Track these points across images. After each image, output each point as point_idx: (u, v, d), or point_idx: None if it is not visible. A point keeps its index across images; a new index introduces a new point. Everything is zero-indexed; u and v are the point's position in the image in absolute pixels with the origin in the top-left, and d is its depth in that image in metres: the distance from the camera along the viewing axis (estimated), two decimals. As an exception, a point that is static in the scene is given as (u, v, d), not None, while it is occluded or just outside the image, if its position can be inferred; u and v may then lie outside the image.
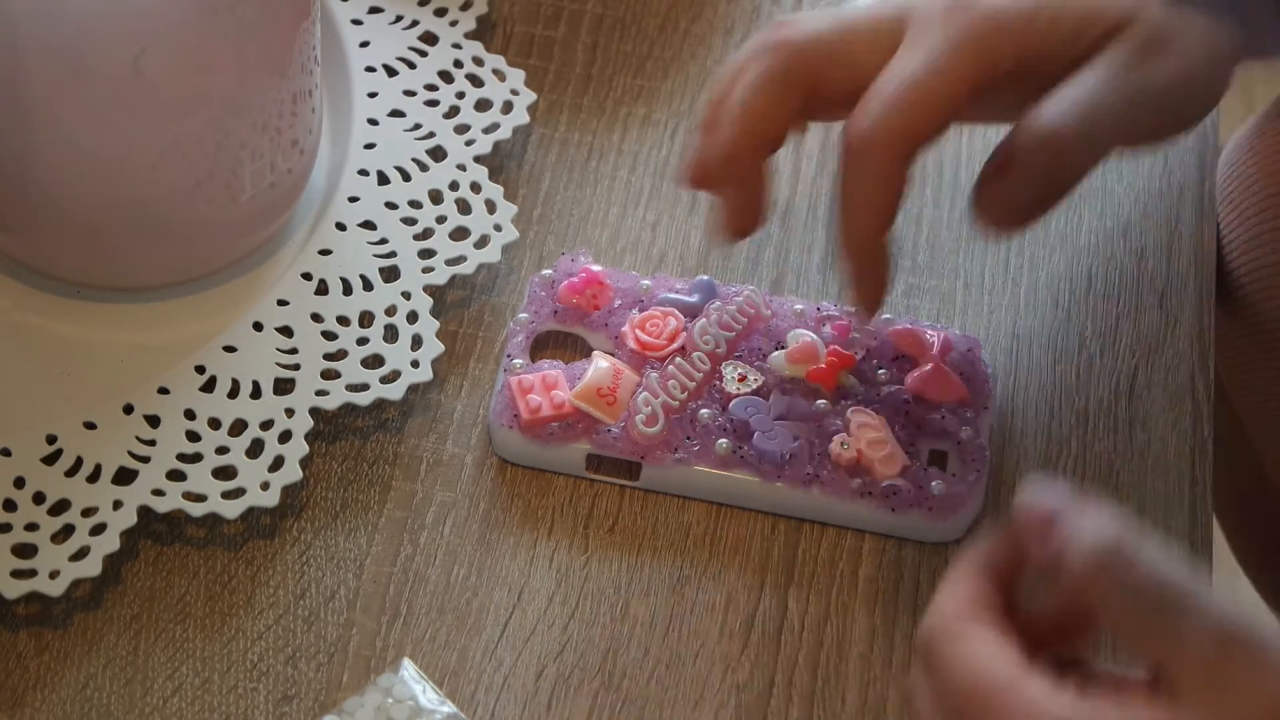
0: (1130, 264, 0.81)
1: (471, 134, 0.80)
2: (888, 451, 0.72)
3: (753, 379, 0.74)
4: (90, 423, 0.71)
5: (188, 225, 0.74)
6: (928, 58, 0.67)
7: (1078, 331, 0.78)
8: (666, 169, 0.82)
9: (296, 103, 0.73)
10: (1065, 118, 0.66)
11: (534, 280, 0.76)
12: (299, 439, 0.71)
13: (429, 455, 0.73)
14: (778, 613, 0.71)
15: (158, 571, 0.70)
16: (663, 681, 0.69)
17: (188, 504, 0.70)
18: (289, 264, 0.76)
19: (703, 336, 0.74)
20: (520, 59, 0.84)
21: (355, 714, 0.67)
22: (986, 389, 0.74)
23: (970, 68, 0.67)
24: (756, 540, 0.72)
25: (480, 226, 0.78)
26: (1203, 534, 0.73)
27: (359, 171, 0.78)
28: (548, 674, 0.69)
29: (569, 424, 0.73)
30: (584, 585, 0.71)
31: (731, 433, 0.72)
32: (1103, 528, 0.57)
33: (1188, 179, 0.83)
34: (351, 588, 0.70)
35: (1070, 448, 0.75)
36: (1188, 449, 0.75)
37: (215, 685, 0.68)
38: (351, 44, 0.82)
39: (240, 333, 0.73)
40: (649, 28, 0.86)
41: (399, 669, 0.68)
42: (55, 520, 0.69)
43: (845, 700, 0.69)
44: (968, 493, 0.72)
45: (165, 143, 0.71)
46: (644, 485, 0.73)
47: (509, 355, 0.74)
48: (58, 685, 0.68)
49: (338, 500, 0.72)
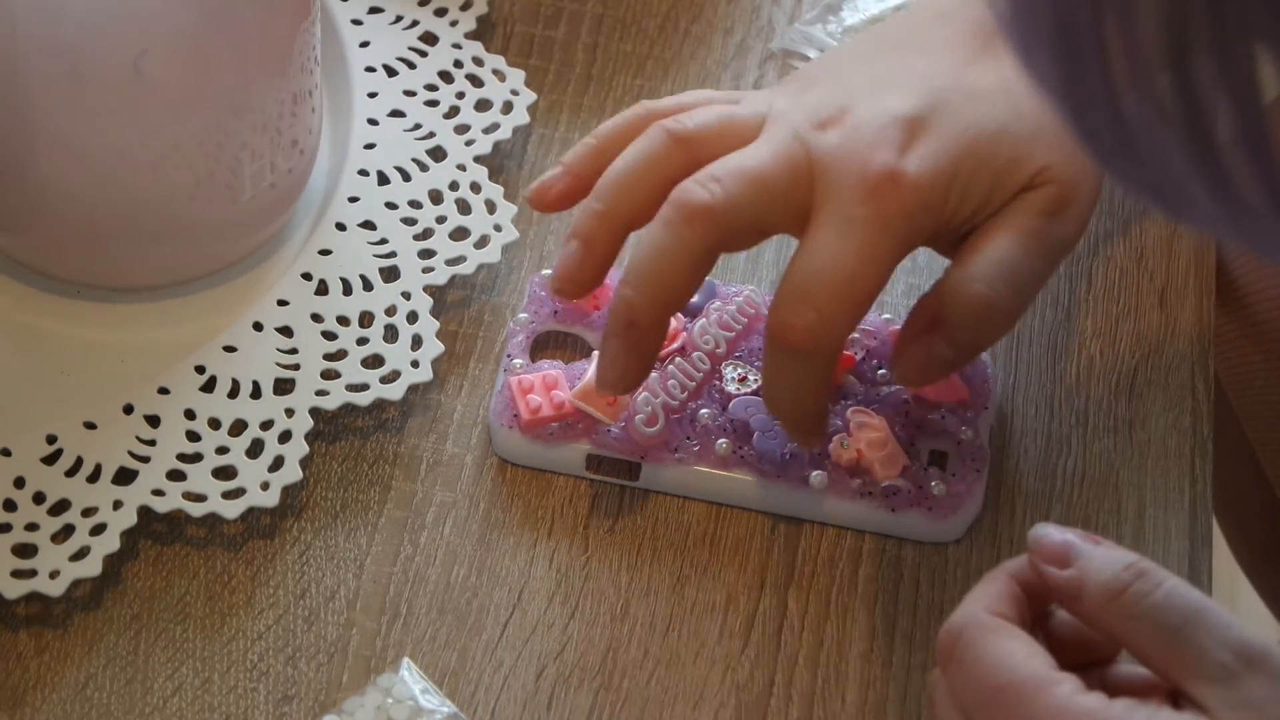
0: (1130, 264, 0.81)
1: (471, 134, 0.80)
2: (888, 452, 0.72)
3: (753, 379, 0.73)
4: (90, 423, 0.71)
5: (188, 225, 0.74)
6: (860, 248, 0.65)
7: (1078, 331, 0.78)
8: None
9: (296, 103, 0.73)
10: (995, 283, 0.66)
11: (534, 280, 0.76)
12: (299, 439, 0.71)
13: (429, 455, 0.73)
14: (778, 613, 0.71)
15: (158, 571, 0.70)
16: (663, 681, 0.69)
17: (188, 504, 0.70)
18: (289, 264, 0.76)
19: (703, 336, 0.74)
20: (520, 59, 0.84)
21: (355, 714, 0.67)
22: (986, 389, 0.74)
23: (901, 250, 0.66)
24: (756, 540, 0.72)
25: (480, 226, 0.78)
26: (1203, 534, 0.73)
27: (359, 171, 0.78)
28: (548, 674, 0.69)
29: (569, 424, 0.73)
30: (584, 585, 0.71)
31: (731, 433, 0.72)
32: (1118, 557, 0.58)
33: (1188, 179, 0.83)
34: (351, 588, 0.70)
35: (1070, 448, 0.75)
36: (1188, 449, 0.75)
37: (215, 685, 0.68)
38: (351, 44, 0.82)
39: (240, 333, 0.73)
40: (649, 28, 0.86)
41: (399, 669, 0.68)
42: (55, 520, 0.69)
43: (845, 700, 0.69)
44: (968, 493, 0.72)
45: (165, 143, 0.71)
46: (644, 485, 0.73)
47: (509, 355, 0.74)
48: (58, 685, 0.68)
49: (338, 500, 0.72)
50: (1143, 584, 0.57)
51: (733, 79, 0.85)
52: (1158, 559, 0.72)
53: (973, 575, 0.71)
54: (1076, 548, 0.59)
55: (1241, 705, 0.55)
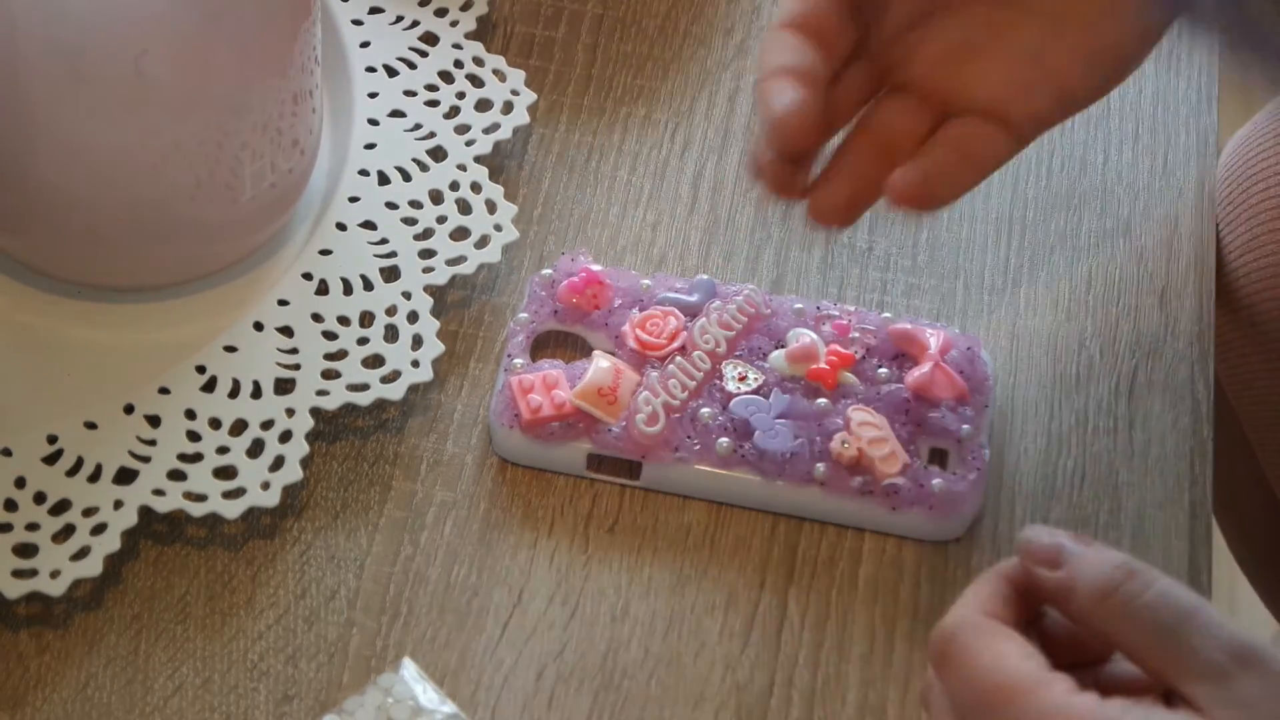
0: (1130, 264, 0.81)
1: (472, 134, 0.80)
2: (888, 450, 0.72)
3: (753, 378, 0.74)
4: (91, 423, 0.71)
5: (188, 225, 0.74)
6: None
7: (1078, 331, 0.78)
8: (666, 169, 0.82)
9: (297, 103, 0.73)
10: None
11: (534, 280, 0.76)
12: (299, 439, 0.71)
13: (429, 455, 0.73)
14: (778, 613, 0.71)
15: (158, 571, 0.70)
16: (663, 681, 0.69)
17: (188, 504, 0.70)
18: (289, 264, 0.76)
19: (703, 336, 0.74)
20: (520, 59, 0.84)
21: (355, 714, 0.67)
22: (986, 388, 0.74)
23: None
24: (756, 540, 0.72)
25: (480, 226, 0.78)
26: (1203, 534, 0.73)
27: (359, 171, 0.78)
28: (548, 674, 0.69)
29: (570, 424, 0.73)
30: (584, 585, 0.71)
31: (732, 432, 0.72)
32: (1109, 557, 0.58)
33: (1188, 179, 0.83)
34: (352, 588, 0.70)
35: (1070, 448, 0.75)
36: (1188, 449, 0.75)
37: (216, 685, 0.68)
38: (352, 44, 0.82)
39: (241, 333, 0.73)
40: (649, 28, 0.86)
41: (399, 669, 0.68)
42: (56, 520, 0.69)
43: (845, 700, 0.69)
44: (968, 491, 0.72)
45: (166, 143, 0.71)
46: (644, 485, 0.73)
47: (509, 355, 0.74)
48: (58, 685, 0.68)
49: (338, 500, 0.72)
50: (1133, 584, 0.57)
51: (733, 79, 0.85)
52: (1157, 559, 0.72)
53: (972, 575, 0.71)
54: (1067, 549, 0.59)
55: (1234, 704, 0.55)
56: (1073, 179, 0.83)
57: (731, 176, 0.82)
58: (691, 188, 0.82)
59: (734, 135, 0.83)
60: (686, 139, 0.83)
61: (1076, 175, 0.83)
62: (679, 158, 0.82)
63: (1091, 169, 0.83)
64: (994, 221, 0.81)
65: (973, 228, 0.81)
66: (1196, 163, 0.84)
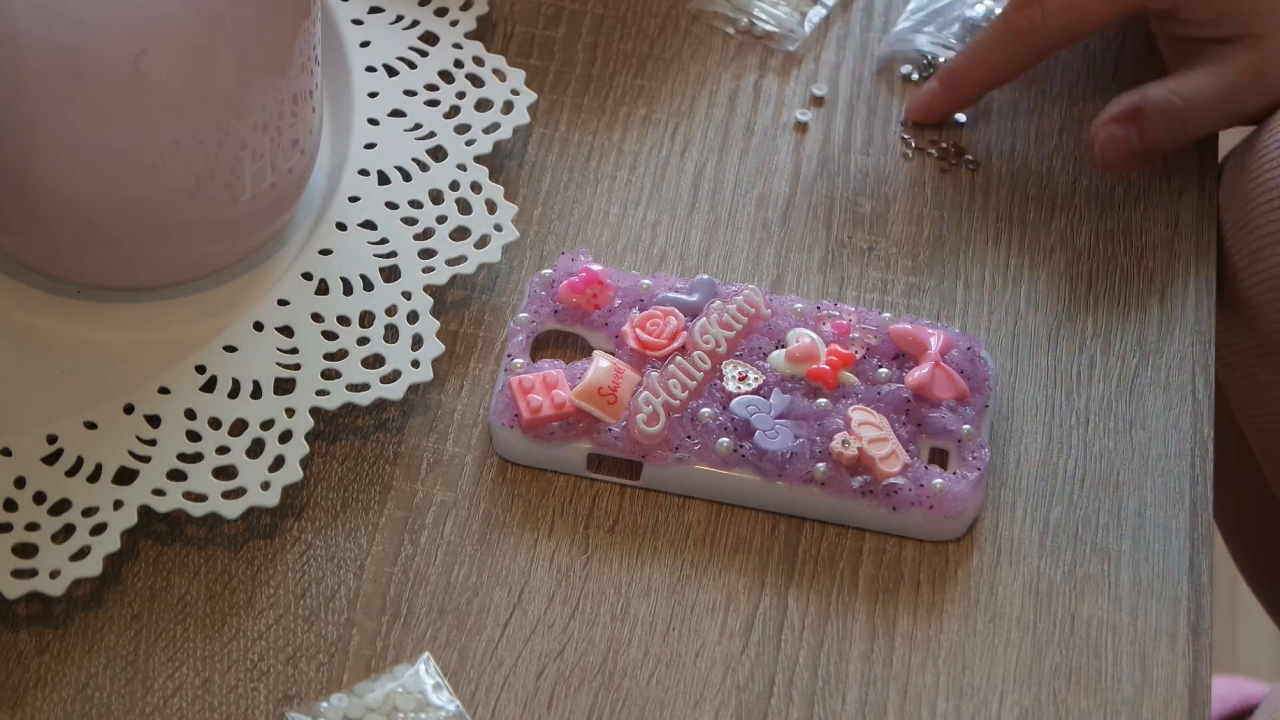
0: (1130, 264, 0.81)
1: (472, 134, 0.80)
2: (889, 450, 0.72)
3: (753, 378, 0.74)
4: (91, 423, 0.71)
5: (188, 225, 0.74)
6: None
7: (1078, 331, 0.78)
8: (666, 169, 0.82)
9: (297, 103, 0.73)
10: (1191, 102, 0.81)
11: (534, 280, 0.76)
12: (299, 439, 0.71)
13: (429, 455, 0.73)
14: (778, 613, 0.71)
15: (158, 571, 0.70)
16: (663, 681, 0.69)
17: (188, 504, 0.70)
18: (289, 264, 0.76)
19: (703, 335, 0.74)
20: (520, 59, 0.84)
21: (364, 697, 0.67)
22: (987, 388, 0.74)
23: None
24: (756, 540, 0.72)
25: (480, 226, 0.78)
26: (1203, 534, 0.73)
27: (359, 171, 0.78)
28: (548, 674, 0.69)
29: (570, 423, 0.73)
30: (584, 585, 0.71)
31: (732, 431, 0.72)
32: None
33: (1188, 179, 0.83)
34: (352, 587, 0.70)
35: (1070, 448, 0.75)
36: (1188, 449, 0.75)
37: (216, 685, 0.68)
38: (352, 44, 0.82)
39: (241, 332, 0.73)
40: (649, 28, 0.86)
41: (417, 662, 0.68)
42: (56, 520, 0.69)
43: (845, 700, 0.69)
44: (968, 491, 0.72)
45: (166, 142, 0.71)
46: (645, 484, 0.73)
47: (509, 355, 0.74)
48: (58, 685, 0.68)
49: (338, 500, 0.72)
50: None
51: (733, 79, 0.85)
52: (1157, 559, 0.72)
53: (973, 575, 0.72)
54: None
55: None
56: (1073, 179, 0.83)
57: (731, 176, 0.82)
58: (691, 188, 0.82)
59: (734, 135, 0.83)
60: (686, 139, 0.83)
61: (1076, 175, 0.83)
62: (679, 158, 0.82)
63: (1092, 169, 0.83)
64: (994, 221, 0.81)
65: (973, 228, 0.81)
66: (1196, 163, 0.84)
